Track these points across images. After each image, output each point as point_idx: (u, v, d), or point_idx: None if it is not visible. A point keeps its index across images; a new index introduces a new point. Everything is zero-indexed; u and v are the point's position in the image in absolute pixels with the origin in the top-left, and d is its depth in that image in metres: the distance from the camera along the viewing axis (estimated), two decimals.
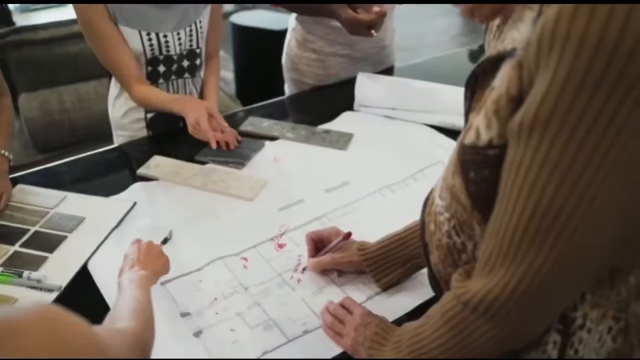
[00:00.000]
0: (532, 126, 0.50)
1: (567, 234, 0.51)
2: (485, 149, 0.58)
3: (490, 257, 0.59)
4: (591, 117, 0.47)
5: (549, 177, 0.50)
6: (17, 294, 0.99)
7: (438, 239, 0.71)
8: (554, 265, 0.53)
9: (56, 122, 2.42)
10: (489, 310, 0.59)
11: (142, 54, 1.39)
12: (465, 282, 0.64)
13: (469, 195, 0.62)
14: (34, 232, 1.15)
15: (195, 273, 1.03)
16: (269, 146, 1.46)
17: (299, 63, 1.77)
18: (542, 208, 0.51)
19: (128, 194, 1.27)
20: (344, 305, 0.92)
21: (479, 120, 0.58)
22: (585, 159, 0.48)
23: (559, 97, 0.48)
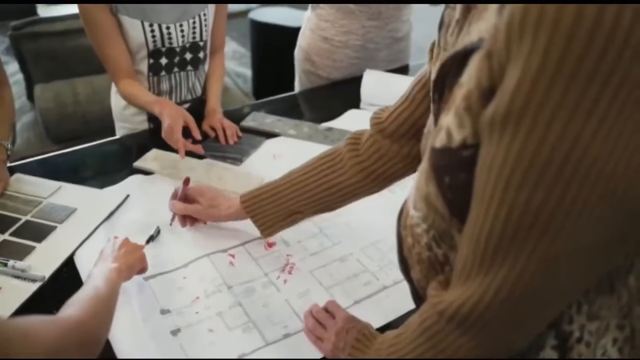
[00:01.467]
0: (505, 120, 0.45)
1: (549, 238, 0.46)
2: (458, 151, 0.53)
3: (465, 265, 0.54)
4: (569, 107, 0.42)
5: (525, 176, 0.45)
6: (2, 284, 0.97)
7: (418, 252, 0.66)
8: (535, 271, 0.48)
9: (69, 114, 2.43)
10: (466, 321, 0.55)
11: (144, 46, 1.37)
12: (441, 292, 0.59)
13: (446, 203, 0.56)
14: (25, 221, 1.14)
15: (180, 270, 1.01)
16: (270, 143, 1.43)
17: (311, 53, 1.75)
18: (519, 210, 0.46)
19: (123, 186, 1.26)
20: (328, 309, 0.88)
21: (449, 120, 0.53)
22: (564, 154, 0.43)
23: (532, 87, 0.43)
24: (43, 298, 0.96)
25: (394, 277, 0.98)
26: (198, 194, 1.07)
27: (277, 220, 0.98)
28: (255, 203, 0.98)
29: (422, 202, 0.61)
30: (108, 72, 1.39)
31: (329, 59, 1.73)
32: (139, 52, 1.39)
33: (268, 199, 0.97)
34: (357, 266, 1.02)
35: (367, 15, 1.64)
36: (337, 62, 1.73)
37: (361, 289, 0.96)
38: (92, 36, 1.33)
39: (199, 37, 1.45)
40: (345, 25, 1.67)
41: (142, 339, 0.86)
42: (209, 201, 1.05)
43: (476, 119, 0.50)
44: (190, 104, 1.55)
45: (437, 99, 0.62)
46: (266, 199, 0.97)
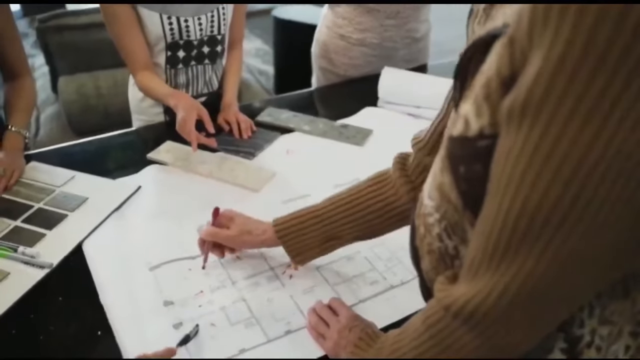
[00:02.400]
0: (524, 111, 0.43)
1: (562, 236, 0.44)
2: (475, 141, 0.50)
3: (475, 260, 0.52)
4: (591, 101, 0.39)
5: (541, 169, 0.43)
6: (10, 269, 0.98)
7: (429, 243, 0.64)
8: (546, 271, 0.46)
9: (92, 107, 2.46)
10: (472, 318, 0.52)
11: (162, 38, 1.37)
12: (448, 287, 0.57)
13: (460, 194, 0.54)
14: (37, 208, 1.15)
15: (186, 260, 1.00)
16: (284, 138, 1.42)
17: (327, 50, 1.74)
18: (532, 206, 0.44)
19: (136, 177, 1.26)
20: (331, 306, 0.87)
21: (467, 108, 0.51)
22: (583, 149, 0.41)
23: (554, 77, 0.40)
24: (50, 285, 0.97)
25: (402, 277, 0.96)
26: (228, 219, 0.97)
27: (312, 246, 0.91)
28: (289, 228, 0.91)
29: (436, 191, 0.59)
30: (126, 64, 1.39)
31: (346, 56, 1.71)
32: (157, 45, 1.39)
33: (304, 222, 0.90)
34: (365, 264, 1.00)
35: (385, 14, 1.62)
36: (353, 60, 1.71)
37: (367, 288, 0.94)
38: (111, 28, 1.34)
39: (217, 31, 1.44)
40: (363, 23, 1.65)
41: (144, 333, 0.85)
42: (240, 227, 0.95)
43: (495, 109, 0.48)
44: (206, 97, 1.55)
45: (458, 86, 0.60)
46: (302, 222, 0.90)
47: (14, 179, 1.22)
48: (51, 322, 0.89)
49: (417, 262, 0.69)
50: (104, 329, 0.87)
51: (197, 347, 0.83)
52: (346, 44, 1.69)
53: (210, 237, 0.96)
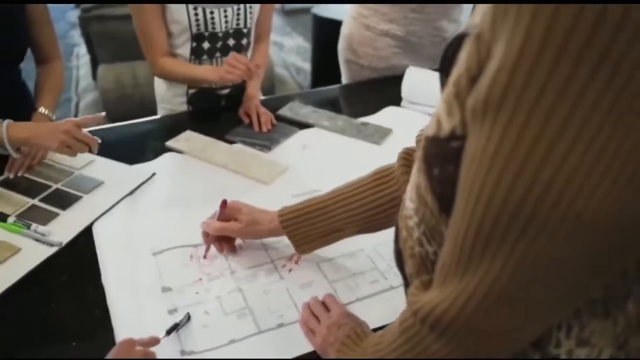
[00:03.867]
0: (485, 108, 0.41)
1: (527, 240, 0.41)
2: (447, 141, 0.48)
3: (444, 265, 0.50)
4: (552, 95, 0.37)
5: (503, 170, 0.40)
6: (22, 245, 1.01)
7: (410, 246, 0.62)
8: (512, 276, 0.43)
9: (128, 95, 2.52)
10: (438, 325, 0.51)
11: (187, 29, 1.39)
12: (419, 292, 0.55)
13: (435, 197, 0.52)
14: (55, 189, 1.18)
15: (189, 248, 1.01)
16: (302, 133, 1.42)
17: (352, 41, 1.73)
18: (495, 208, 0.42)
19: (152, 164, 1.28)
20: (325, 302, 0.86)
21: (440, 108, 0.49)
22: (546, 148, 0.38)
23: (513, 71, 0.38)
24: (57, 262, 0.99)
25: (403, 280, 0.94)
26: (235, 211, 0.97)
27: (315, 237, 0.90)
28: (293, 218, 0.90)
29: (414, 193, 0.57)
30: (146, 51, 1.41)
31: (370, 46, 1.70)
32: (182, 35, 1.41)
33: (308, 214, 0.90)
34: (367, 263, 0.98)
35: (411, 7, 1.60)
36: (378, 51, 1.69)
37: (366, 287, 0.93)
38: (136, 16, 1.36)
39: (243, 24, 1.45)
40: (388, 14, 1.63)
41: (139, 316, 0.87)
42: (247, 217, 0.95)
43: (464, 108, 0.45)
44: (230, 89, 1.56)
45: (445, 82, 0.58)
46: (308, 213, 0.90)
47: (37, 160, 1.26)
48: (53, 298, 0.91)
49: (401, 265, 0.67)
50: (102, 308, 0.88)
51: (187, 335, 0.83)
52: (371, 34, 1.68)
53: (217, 232, 0.97)
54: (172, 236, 1.03)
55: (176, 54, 1.44)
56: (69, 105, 2.95)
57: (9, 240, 1.02)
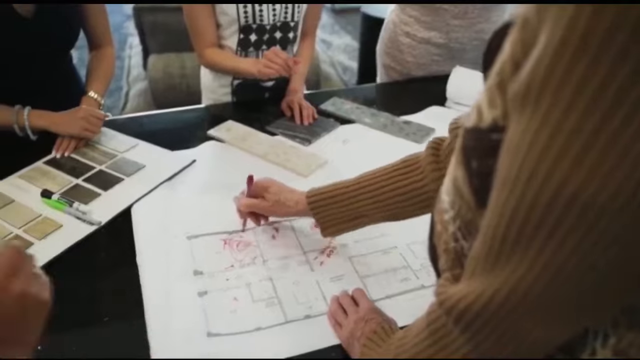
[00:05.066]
0: (526, 96, 0.39)
1: (557, 241, 0.39)
2: (488, 133, 0.46)
3: (473, 259, 0.48)
4: (593, 88, 0.35)
5: (538, 164, 0.38)
6: (64, 222, 1.05)
7: (445, 241, 0.60)
8: (539, 277, 0.42)
9: (176, 85, 2.57)
10: (462, 319, 0.49)
11: (235, 21, 1.40)
12: (448, 284, 0.54)
13: (472, 191, 0.50)
14: (99, 170, 1.21)
15: (223, 235, 1.02)
16: (343, 128, 1.41)
17: (391, 47, 1.69)
18: (527, 204, 0.40)
19: (194, 151, 1.30)
20: (354, 296, 0.85)
21: (481, 98, 0.47)
22: (584, 142, 0.36)
23: (555, 60, 0.36)
24: (95, 241, 1.02)
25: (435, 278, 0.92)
26: (262, 188, 0.98)
27: (340, 221, 0.90)
28: (320, 200, 0.90)
29: (451, 185, 0.56)
30: (194, 41, 1.43)
31: (410, 54, 1.66)
32: (230, 27, 1.43)
33: (335, 197, 0.89)
34: (399, 261, 0.96)
35: (452, 13, 1.55)
36: (418, 59, 1.66)
37: (396, 284, 0.91)
38: (187, 7, 1.38)
39: (290, 18, 1.45)
40: (429, 22, 1.59)
41: (170, 296, 0.88)
42: (274, 196, 0.96)
43: (507, 98, 0.44)
44: (274, 82, 1.57)
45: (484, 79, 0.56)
46: (333, 197, 0.89)
47: (83, 142, 1.29)
48: (89, 274, 0.94)
49: (435, 261, 0.65)
50: (135, 287, 0.90)
51: (215, 318, 0.84)
52: (411, 41, 1.64)
53: (246, 208, 0.98)
54: (207, 222, 1.04)
55: (223, 45, 1.46)
56: (119, 94, 3.04)
57: (52, 217, 1.06)
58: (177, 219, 1.06)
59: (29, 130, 1.23)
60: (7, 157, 1.26)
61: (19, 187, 1.15)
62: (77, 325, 0.83)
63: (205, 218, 1.05)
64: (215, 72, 1.52)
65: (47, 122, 1.24)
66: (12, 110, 1.22)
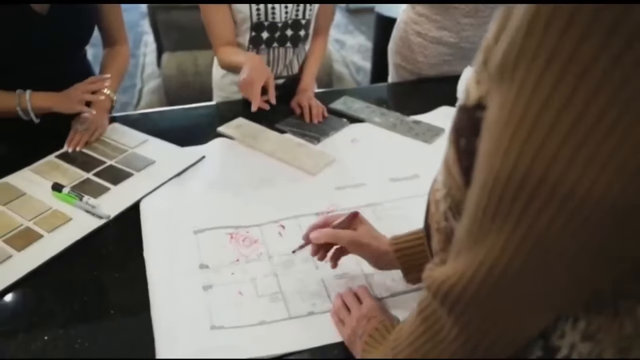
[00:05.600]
0: (502, 70, 0.39)
1: (531, 217, 0.39)
2: (474, 110, 0.46)
3: (458, 239, 0.49)
4: (563, 59, 0.35)
5: (512, 139, 0.39)
6: (73, 215, 1.06)
7: (437, 220, 0.60)
8: (515, 255, 0.42)
9: (189, 83, 2.59)
10: (446, 300, 0.49)
11: (247, 18, 1.41)
12: (435, 267, 0.54)
13: (461, 169, 0.50)
14: (109, 165, 1.23)
15: (229, 229, 1.02)
16: (353, 127, 1.41)
17: (403, 46, 1.69)
18: (503, 179, 0.40)
19: (203, 147, 1.31)
20: (357, 294, 0.85)
21: (471, 77, 0.48)
22: (553, 117, 0.36)
23: (528, 33, 0.37)
24: (104, 234, 1.03)
25: None
26: (358, 221, 0.89)
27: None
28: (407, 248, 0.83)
29: (443, 164, 0.56)
30: (210, 39, 1.44)
31: (421, 54, 1.65)
32: (243, 25, 1.43)
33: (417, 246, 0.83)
34: None
35: (463, 12, 1.55)
36: (429, 59, 1.65)
37: (402, 283, 0.90)
38: (203, 5, 1.39)
39: (302, 15, 1.46)
40: (440, 21, 1.58)
41: (175, 290, 0.88)
42: (366, 229, 0.87)
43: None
44: (285, 80, 1.57)
45: None
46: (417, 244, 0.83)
47: (95, 137, 1.31)
48: (97, 267, 0.94)
49: (429, 241, 0.65)
50: (141, 281, 0.91)
51: (218, 311, 0.84)
52: (422, 41, 1.63)
53: (329, 239, 0.86)
54: (214, 217, 1.05)
55: (238, 43, 1.46)
56: (133, 91, 3.07)
57: (62, 210, 1.07)
58: (184, 214, 1.06)
59: (32, 112, 1.22)
60: (20, 150, 1.28)
61: (31, 180, 1.16)
62: (83, 317, 0.84)
63: (212, 213, 1.06)
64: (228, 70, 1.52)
65: (49, 102, 1.22)
66: (14, 95, 1.22)
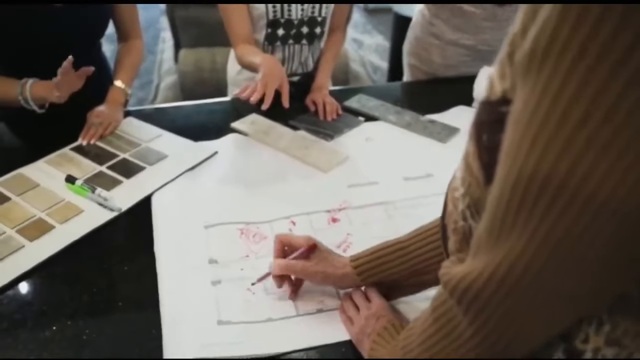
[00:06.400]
0: (529, 65, 0.38)
1: (554, 216, 0.38)
2: (497, 105, 0.45)
3: (478, 237, 0.47)
4: (594, 54, 0.34)
5: (537, 134, 0.37)
6: (85, 207, 1.06)
7: (454, 220, 0.59)
8: (536, 255, 0.40)
9: (205, 79, 2.59)
10: (463, 298, 0.48)
11: (264, 15, 1.40)
12: (452, 265, 0.53)
13: (482, 166, 0.49)
14: (122, 158, 1.23)
15: (240, 225, 1.02)
16: (367, 125, 1.39)
17: (418, 47, 1.67)
18: (526, 176, 0.39)
19: (216, 143, 1.30)
20: (366, 292, 0.84)
21: (494, 70, 0.46)
22: (583, 112, 0.35)
23: (558, 24, 0.35)
24: (115, 227, 1.03)
25: None
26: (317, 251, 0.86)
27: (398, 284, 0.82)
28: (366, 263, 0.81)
29: (463, 161, 0.55)
30: (229, 36, 1.43)
31: (439, 55, 1.63)
32: (259, 22, 1.43)
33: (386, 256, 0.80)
34: None
35: (482, 16, 1.52)
36: (446, 60, 1.63)
37: None
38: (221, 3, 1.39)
39: (318, 12, 1.45)
40: (458, 24, 1.56)
41: (184, 284, 0.88)
42: (321, 254, 0.85)
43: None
44: (300, 77, 1.57)
45: None
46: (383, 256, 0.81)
47: (109, 130, 1.31)
48: (107, 260, 0.95)
49: (445, 242, 0.64)
50: (151, 274, 0.90)
51: (226, 307, 0.84)
52: (439, 42, 1.61)
53: (282, 270, 0.84)
54: (225, 212, 1.05)
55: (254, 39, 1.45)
56: (150, 87, 3.09)
57: (74, 202, 1.08)
58: (196, 208, 1.06)
59: (31, 101, 1.20)
60: (35, 142, 1.29)
61: (45, 171, 1.17)
62: (91, 309, 0.84)
63: (223, 208, 1.06)
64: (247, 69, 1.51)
65: (46, 93, 1.20)
66: (18, 83, 1.20)
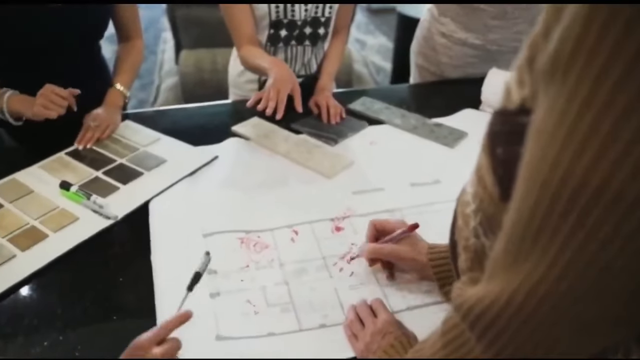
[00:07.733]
0: (552, 71, 0.35)
1: (582, 237, 0.34)
2: (515, 115, 0.41)
3: (493, 259, 0.44)
4: (625, 60, 0.30)
5: (563, 146, 0.34)
6: (80, 214, 1.02)
7: (465, 237, 0.55)
8: (562, 277, 0.36)
9: (206, 80, 2.56)
10: (477, 324, 0.44)
11: (267, 16, 1.37)
12: (465, 287, 0.49)
13: (496, 180, 0.45)
14: (119, 163, 1.19)
15: (240, 233, 0.98)
16: (372, 129, 1.36)
17: (426, 46, 1.63)
18: (551, 192, 0.35)
19: (216, 147, 1.27)
20: (372, 306, 0.80)
21: (512, 77, 0.43)
22: (612, 123, 0.31)
23: (584, 30, 0.32)
24: (111, 235, 0.99)
25: None
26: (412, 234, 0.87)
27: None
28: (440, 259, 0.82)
29: (474, 175, 0.51)
30: (233, 37, 1.39)
31: (446, 55, 1.59)
32: (261, 22, 1.39)
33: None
34: None
35: (492, 14, 1.47)
36: (454, 60, 1.58)
37: (420, 296, 0.86)
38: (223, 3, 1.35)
39: (321, 13, 1.41)
40: (466, 22, 1.52)
41: (182, 296, 0.84)
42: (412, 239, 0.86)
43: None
44: (303, 79, 1.53)
45: None
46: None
47: (106, 134, 1.28)
48: (102, 269, 0.91)
49: (455, 260, 0.60)
50: (147, 285, 0.87)
51: (225, 321, 0.80)
52: (447, 41, 1.57)
53: (371, 254, 0.87)
54: (225, 220, 1.01)
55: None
56: (151, 88, 3.05)
57: (69, 209, 1.04)
58: (194, 216, 1.02)
59: (7, 113, 1.18)
60: (30, 146, 1.25)
61: (39, 177, 1.13)
62: (87, 320, 0.81)
63: (222, 216, 1.02)
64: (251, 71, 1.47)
65: (22, 107, 1.16)
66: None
